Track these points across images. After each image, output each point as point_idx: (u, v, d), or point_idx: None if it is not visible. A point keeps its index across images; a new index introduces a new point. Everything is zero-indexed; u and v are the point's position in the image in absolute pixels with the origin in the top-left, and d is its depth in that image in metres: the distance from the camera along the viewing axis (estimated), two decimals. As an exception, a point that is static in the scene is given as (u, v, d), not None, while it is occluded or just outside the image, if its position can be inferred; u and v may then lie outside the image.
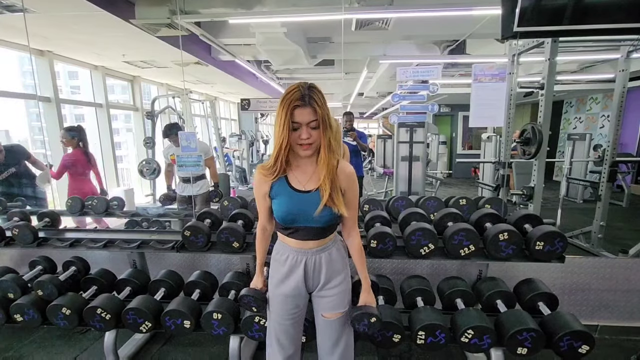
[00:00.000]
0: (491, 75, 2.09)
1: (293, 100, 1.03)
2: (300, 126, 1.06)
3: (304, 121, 1.05)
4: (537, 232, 1.67)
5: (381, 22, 3.55)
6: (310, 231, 1.17)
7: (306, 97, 1.03)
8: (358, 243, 1.28)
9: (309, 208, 1.13)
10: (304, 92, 1.04)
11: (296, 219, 1.16)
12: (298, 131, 1.07)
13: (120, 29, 3.13)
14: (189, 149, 2.32)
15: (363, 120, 17.25)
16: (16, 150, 3.18)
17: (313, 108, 1.04)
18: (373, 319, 1.25)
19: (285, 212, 1.15)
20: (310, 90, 1.05)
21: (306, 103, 1.03)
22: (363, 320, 1.25)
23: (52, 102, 4.04)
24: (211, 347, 2.07)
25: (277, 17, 3.17)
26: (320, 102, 1.05)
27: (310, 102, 1.04)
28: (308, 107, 1.04)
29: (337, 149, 1.18)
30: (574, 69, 5.78)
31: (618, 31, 1.97)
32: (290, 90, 1.05)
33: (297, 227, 1.17)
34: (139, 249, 2.00)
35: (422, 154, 4.20)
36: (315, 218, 1.13)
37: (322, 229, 1.18)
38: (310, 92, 1.04)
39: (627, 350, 1.96)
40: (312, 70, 6.39)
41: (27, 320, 1.82)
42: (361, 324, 1.26)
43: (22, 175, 3.17)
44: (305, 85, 1.05)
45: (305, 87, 1.05)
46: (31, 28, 2.96)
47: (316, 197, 1.12)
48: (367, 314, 1.24)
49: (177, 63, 4.64)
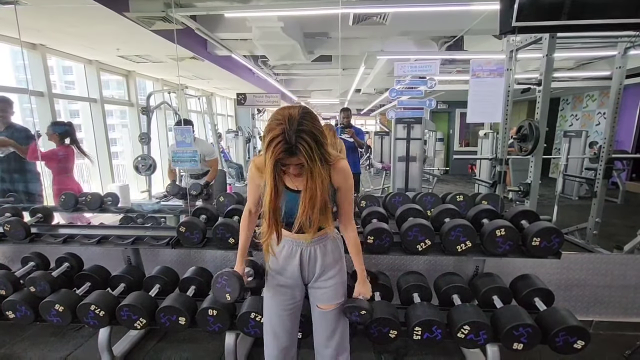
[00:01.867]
0: (489, 71, 2.08)
1: (277, 151, 0.97)
2: (288, 168, 1.06)
3: (292, 163, 1.03)
4: (533, 228, 1.67)
5: (379, 17, 3.52)
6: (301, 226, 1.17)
7: (292, 148, 0.97)
8: (354, 237, 1.30)
9: (298, 207, 1.12)
10: (290, 140, 0.96)
11: (287, 215, 1.18)
12: (287, 169, 1.08)
13: (114, 22, 3.07)
14: (184, 144, 2.29)
15: (360, 117, 17.23)
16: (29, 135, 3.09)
17: (300, 157, 0.99)
18: (363, 312, 1.29)
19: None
20: (297, 137, 0.96)
21: (294, 153, 0.98)
22: (354, 311, 1.30)
23: (45, 97, 3.98)
24: (207, 344, 2.06)
25: (274, 11, 3.13)
26: (308, 148, 0.97)
27: (296, 150, 0.97)
28: (294, 157, 1.00)
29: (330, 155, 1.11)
30: (570, 66, 5.79)
31: (616, 27, 1.97)
32: (274, 137, 0.96)
33: (289, 221, 1.19)
34: (134, 245, 1.98)
35: (419, 150, 4.19)
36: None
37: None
38: (297, 139, 0.96)
39: (621, 346, 1.98)
40: (309, 66, 6.34)
41: (20, 317, 1.80)
42: (352, 314, 1.31)
43: (18, 170, 3.11)
44: (293, 128, 0.95)
45: (292, 132, 0.95)
46: (22, 21, 2.90)
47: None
48: (357, 307, 1.29)
49: (173, 58, 4.58)
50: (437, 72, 3.07)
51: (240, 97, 4.12)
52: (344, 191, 1.20)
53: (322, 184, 1.05)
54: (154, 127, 5.81)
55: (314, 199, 1.06)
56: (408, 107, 3.54)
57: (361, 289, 1.32)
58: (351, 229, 1.29)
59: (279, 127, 0.96)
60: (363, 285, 1.33)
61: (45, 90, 3.96)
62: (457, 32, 4.17)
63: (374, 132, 8.86)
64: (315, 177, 1.03)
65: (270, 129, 0.98)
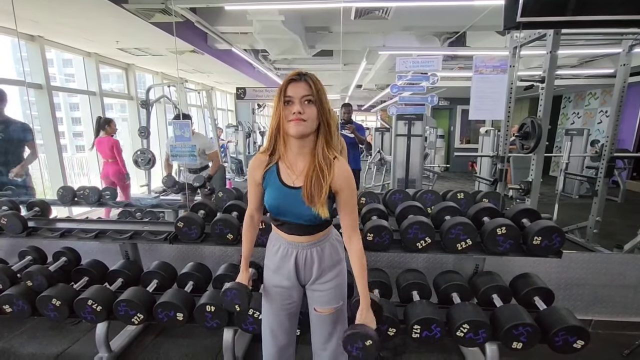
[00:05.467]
0: (492, 67, 2.05)
1: (288, 77, 1.04)
2: (293, 100, 1.01)
3: (297, 94, 1.01)
4: (535, 227, 1.66)
5: (381, 11, 3.48)
6: (297, 227, 1.14)
7: (302, 75, 1.03)
8: (359, 250, 1.15)
9: (295, 205, 1.08)
10: (300, 72, 1.04)
11: (283, 213, 1.13)
12: (290, 106, 1.02)
13: (113, 14, 3.03)
14: (182, 138, 2.27)
15: (361, 113, 17.17)
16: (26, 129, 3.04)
17: (307, 83, 1.02)
18: (369, 342, 1.06)
19: (273, 205, 1.13)
20: (306, 73, 1.05)
21: (301, 79, 1.02)
22: (356, 342, 1.07)
23: (44, 90, 3.94)
24: (205, 339, 2.06)
25: (274, 4, 3.10)
26: (316, 81, 1.04)
27: (305, 78, 1.03)
28: (302, 82, 1.02)
29: (335, 143, 1.12)
30: (574, 64, 5.74)
31: (621, 23, 1.95)
32: (286, 78, 1.06)
33: (285, 220, 1.15)
34: (131, 239, 1.97)
35: (419, 147, 4.17)
36: (300, 216, 1.10)
37: (308, 227, 1.13)
38: (306, 74, 1.04)
39: (620, 345, 1.97)
40: (310, 61, 6.30)
41: (17, 311, 1.79)
42: (354, 346, 1.07)
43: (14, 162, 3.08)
44: (303, 71, 1.06)
45: (303, 72, 1.05)
46: (20, 11, 2.87)
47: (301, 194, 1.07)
48: (362, 335, 1.06)
49: (172, 51, 4.53)
50: (439, 68, 3.04)
51: (240, 92, 4.09)
52: (345, 196, 1.10)
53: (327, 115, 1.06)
54: (154, 121, 5.77)
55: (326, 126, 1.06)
56: (410, 103, 3.51)
57: (365, 317, 1.13)
58: (356, 241, 1.14)
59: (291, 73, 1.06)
60: (367, 313, 1.14)
61: (44, 82, 3.92)
62: (460, 28, 4.14)
63: (375, 128, 8.82)
64: (324, 114, 1.04)
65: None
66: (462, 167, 8.97)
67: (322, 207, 1.05)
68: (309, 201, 1.05)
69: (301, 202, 1.07)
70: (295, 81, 1.02)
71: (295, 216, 1.11)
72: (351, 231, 1.15)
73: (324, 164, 1.05)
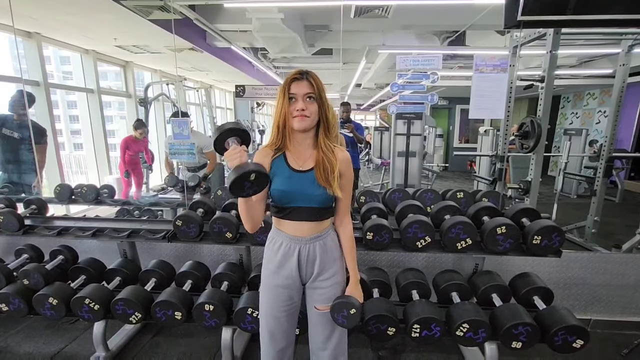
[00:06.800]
0: (492, 66, 2.05)
1: (291, 76, 1.11)
2: (297, 97, 1.10)
3: (300, 92, 1.09)
4: (535, 226, 1.65)
5: (381, 9, 3.47)
6: (306, 212, 1.15)
7: (303, 74, 1.11)
8: (350, 231, 1.26)
9: (305, 187, 1.13)
10: (302, 71, 1.12)
11: (292, 199, 1.15)
12: (294, 104, 1.10)
13: (111, 11, 3.01)
14: (181, 136, 2.26)
15: (360, 112, 17.16)
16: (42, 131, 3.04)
17: (309, 82, 1.10)
18: (353, 310, 1.19)
19: (281, 191, 1.14)
20: (308, 72, 1.12)
21: (303, 77, 1.10)
22: (342, 310, 1.20)
23: (41, 87, 3.91)
24: (203, 339, 2.05)
25: (274, 2, 3.07)
26: (317, 79, 1.12)
27: (307, 77, 1.11)
28: (304, 81, 1.10)
29: (333, 135, 1.19)
30: (573, 64, 5.75)
31: (621, 22, 1.94)
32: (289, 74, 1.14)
33: (293, 207, 1.16)
34: (129, 238, 1.95)
35: (419, 146, 4.16)
36: (311, 197, 1.13)
37: (317, 210, 1.16)
38: (308, 72, 1.12)
39: (619, 344, 1.98)
40: (310, 60, 6.28)
41: (13, 310, 1.77)
42: (340, 314, 1.20)
43: (13, 161, 3.06)
44: (305, 70, 1.14)
45: (304, 70, 1.13)
46: (16, 8, 2.83)
47: (312, 176, 1.14)
48: (348, 304, 1.19)
49: (171, 49, 4.51)
50: (439, 67, 3.03)
51: (239, 90, 4.07)
52: (344, 181, 1.18)
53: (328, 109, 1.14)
54: (152, 118, 5.75)
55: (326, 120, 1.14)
56: (409, 102, 3.50)
57: (353, 291, 1.25)
58: (347, 222, 1.26)
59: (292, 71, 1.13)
60: (356, 288, 1.26)
61: (41, 79, 3.89)
62: (460, 27, 4.12)
63: (374, 128, 8.82)
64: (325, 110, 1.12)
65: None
66: (460, 166, 8.98)
67: (335, 184, 1.12)
68: (324, 180, 1.11)
69: (311, 183, 1.13)
70: (297, 80, 1.10)
71: (306, 198, 1.14)
72: (344, 214, 1.25)
73: (327, 151, 1.15)
